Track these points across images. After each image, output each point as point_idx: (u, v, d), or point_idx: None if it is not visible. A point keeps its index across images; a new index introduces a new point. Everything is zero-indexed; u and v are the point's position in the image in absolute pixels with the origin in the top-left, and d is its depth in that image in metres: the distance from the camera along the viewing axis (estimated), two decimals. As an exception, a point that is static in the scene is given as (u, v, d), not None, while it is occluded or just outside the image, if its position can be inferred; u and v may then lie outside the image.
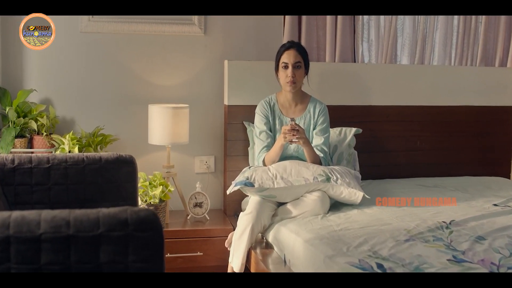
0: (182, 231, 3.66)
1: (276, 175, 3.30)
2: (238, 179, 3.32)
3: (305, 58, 3.55)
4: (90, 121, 3.88)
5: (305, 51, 3.57)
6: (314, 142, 3.58)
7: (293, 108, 3.64)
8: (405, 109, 4.35)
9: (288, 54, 3.52)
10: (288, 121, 3.55)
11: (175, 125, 3.72)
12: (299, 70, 3.52)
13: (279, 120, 3.62)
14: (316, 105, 3.64)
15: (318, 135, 3.59)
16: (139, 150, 3.98)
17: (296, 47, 3.54)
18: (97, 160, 2.92)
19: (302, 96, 3.66)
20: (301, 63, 3.52)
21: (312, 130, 3.62)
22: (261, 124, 3.60)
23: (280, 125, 3.60)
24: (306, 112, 3.63)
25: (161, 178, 3.64)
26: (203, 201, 3.88)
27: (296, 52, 3.52)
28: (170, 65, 4.02)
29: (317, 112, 3.62)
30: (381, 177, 4.22)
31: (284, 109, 3.65)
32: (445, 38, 4.52)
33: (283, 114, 3.63)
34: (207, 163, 4.15)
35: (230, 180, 3.93)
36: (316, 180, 3.27)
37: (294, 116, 3.62)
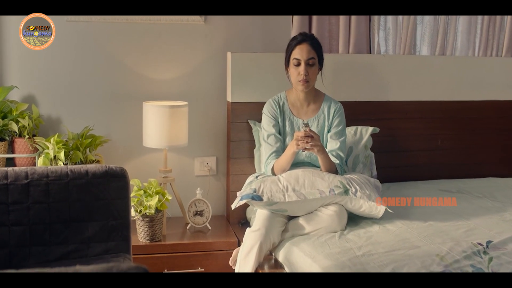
0: (180, 244, 3.29)
1: (287, 187, 2.92)
2: (245, 191, 2.95)
3: (319, 53, 3.16)
4: (78, 120, 3.50)
5: (319, 45, 3.18)
6: (328, 146, 3.20)
7: (305, 108, 3.26)
8: (424, 105, 3.98)
9: (300, 50, 3.13)
10: (300, 125, 3.17)
11: (173, 126, 3.34)
12: (313, 67, 3.14)
13: (289, 121, 3.23)
14: (330, 104, 3.26)
15: (333, 139, 3.21)
16: (132, 153, 3.61)
17: (309, 41, 3.14)
18: (83, 174, 2.55)
19: (315, 95, 3.27)
20: (315, 59, 3.14)
21: (326, 132, 3.24)
22: (269, 126, 3.22)
23: (291, 127, 3.21)
24: (320, 113, 3.24)
25: (157, 186, 3.26)
26: (204, 209, 3.51)
27: (309, 46, 3.13)
28: (167, 57, 3.62)
29: (332, 112, 3.24)
30: (399, 179, 3.87)
31: (295, 109, 3.26)
32: (469, 25, 4.12)
33: (293, 115, 3.24)
34: (208, 164, 3.77)
35: (233, 184, 3.59)
36: (333, 193, 2.90)
37: (307, 117, 3.24)
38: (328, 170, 3.06)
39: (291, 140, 3.18)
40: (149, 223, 3.22)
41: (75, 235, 2.54)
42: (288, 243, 2.88)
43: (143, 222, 3.22)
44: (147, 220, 3.22)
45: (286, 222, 3.01)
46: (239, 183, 3.56)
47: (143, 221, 3.22)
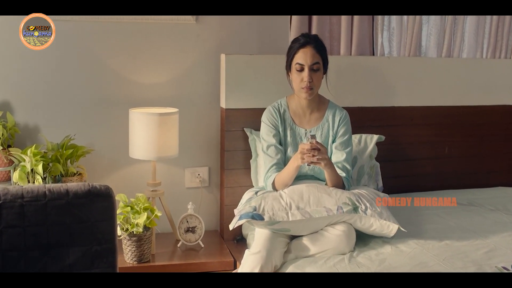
0: (170, 265, 3.00)
1: (291, 205, 2.65)
2: (243, 209, 2.67)
3: (324, 56, 2.89)
4: (58, 129, 3.19)
5: (323, 47, 2.91)
6: (334, 158, 2.93)
7: (307, 116, 2.98)
8: (431, 111, 3.73)
9: (303, 53, 2.85)
10: (303, 135, 2.91)
11: (162, 135, 3.05)
12: (317, 73, 2.86)
13: (291, 131, 2.95)
14: (335, 112, 2.98)
15: (338, 150, 2.94)
16: (118, 164, 3.32)
17: (313, 44, 2.86)
18: (62, 194, 2.26)
19: (319, 102, 3.00)
20: (319, 64, 2.86)
21: (330, 143, 2.96)
22: (269, 136, 2.94)
23: (292, 137, 2.93)
24: (324, 121, 2.97)
25: (145, 202, 2.96)
26: (196, 226, 3.22)
27: (313, 50, 2.85)
28: (155, 60, 3.32)
29: (337, 121, 2.97)
30: (405, 190, 3.60)
31: (297, 117, 2.98)
32: (477, 26, 3.87)
33: (295, 124, 2.96)
34: (200, 175, 3.48)
35: (228, 197, 3.31)
36: (341, 211, 2.63)
37: (310, 126, 2.96)
38: (335, 185, 2.78)
39: (293, 151, 2.91)
40: (136, 243, 2.93)
41: (54, 262, 2.24)
42: (291, 266, 2.60)
43: (130, 241, 2.93)
44: (135, 240, 2.93)
45: (288, 242, 2.74)
46: (234, 196, 3.29)
47: (130, 241, 2.93)
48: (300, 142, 2.90)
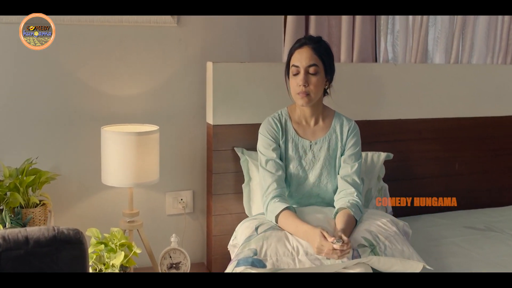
0: (153, 311, 2.55)
1: (298, 249, 2.24)
2: (242, 252, 2.24)
3: (326, 61, 2.48)
4: (17, 152, 2.72)
5: (326, 51, 2.50)
6: (342, 171, 2.55)
7: (312, 127, 2.57)
8: (440, 123, 3.35)
9: (299, 54, 2.47)
10: (307, 147, 2.55)
11: (141, 159, 2.60)
12: (315, 77, 2.45)
13: (293, 144, 2.54)
14: (343, 123, 2.58)
15: (347, 163, 2.56)
16: (88, 191, 2.87)
17: (312, 45, 2.46)
18: (21, 242, 1.80)
19: (324, 111, 2.59)
20: (318, 67, 2.45)
21: (339, 156, 2.57)
22: (268, 150, 2.52)
23: (295, 150, 2.52)
24: (331, 132, 2.57)
25: (122, 237, 2.51)
26: (181, 261, 2.78)
27: (311, 51, 2.45)
28: (130, 69, 2.87)
29: (346, 131, 2.58)
30: (414, 212, 3.21)
31: (300, 128, 2.57)
32: (488, 29, 3.50)
33: (299, 135, 2.55)
34: (183, 201, 3.03)
35: (217, 226, 2.90)
36: (357, 255, 2.21)
37: (314, 137, 2.56)
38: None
39: (296, 166, 2.52)
40: (112, 287, 2.47)
41: (10, 327, 1.78)
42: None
43: (105, 285, 2.47)
44: None
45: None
46: (223, 224, 2.88)
47: (105, 284, 2.47)
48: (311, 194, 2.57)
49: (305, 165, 2.54)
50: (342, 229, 2.27)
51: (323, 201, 2.56)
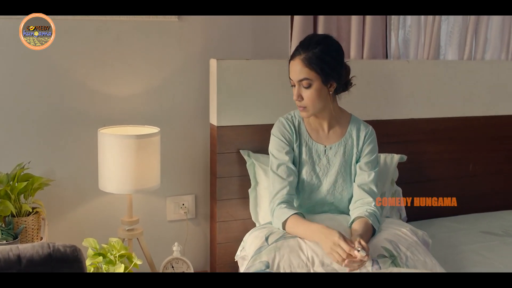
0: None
1: (313, 260, 2.07)
2: (252, 266, 2.08)
3: (323, 67, 2.24)
4: (7, 156, 2.55)
5: (320, 59, 2.24)
6: (358, 179, 2.38)
7: (326, 131, 2.39)
8: (454, 123, 3.19)
9: (292, 67, 2.30)
10: (321, 152, 2.38)
11: (141, 164, 2.43)
12: (309, 90, 2.26)
13: (306, 148, 2.37)
14: (360, 128, 2.42)
15: (364, 170, 2.39)
16: (84, 197, 2.70)
17: (302, 54, 2.25)
18: (12, 262, 1.64)
19: (339, 115, 2.42)
20: (310, 80, 2.24)
21: (354, 162, 2.40)
22: (281, 153, 2.36)
23: (309, 154, 2.36)
24: (347, 137, 2.40)
25: (121, 248, 2.34)
26: (183, 272, 2.61)
27: (301, 63, 2.25)
28: (129, 67, 2.69)
29: (362, 137, 2.41)
30: (427, 216, 3.07)
31: (314, 132, 2.40)
32: (503, 23, 3.34)
33: (312, 139, 2.37)
34: (184, 206, 2.87)
35: (221, 234, 2.75)
36: (377, 266, 2.05)
37: (329, 142, 2.39)
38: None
39: (309, 171, 2.35)
40: (111, 301, 2.30)
41: None
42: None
43: (103, 300, 2.30)
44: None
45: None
46: (228, 231, 2.72)
47: (103, 299, 2.30)
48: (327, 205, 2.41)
49: (318, 171, 2.37)
50: (360, 235, 2.10)
51: (337, 210, 2.40)
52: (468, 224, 3.02)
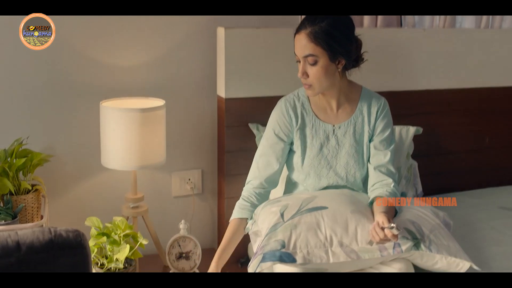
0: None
1: (332, 239, 1.95)
2: (268, 245, 1.95)
3: (330, 42, 2.07)
4: (5, 131, 2.42)
5: (327, 33, 2.06)
6: (374, 161, 2.23)
7: (334, 111, 2.25)
8: (470, 94, 3.07)
9: (296, 42, 2.12)
10: (330, 132, 2.23)
11: (145, 139, 2.31)
12: (315, 67, 2.09)
13: (312, 129, 2.23)
14: (371, 103, 2.26)
15: (379, 150, 2.24)
16: (86, 173, 2.57)
17: (308, 28, 2.07)
18: (11, 249, 1.52)
19: (349, 90, 2.26)
20: (316, 56, 2.08)
21: (367, 141, 2.25)
22: (268, 143, 2.25)
23: (315, 136, 2.22)
24: (357, 114, 2.24)
25: (126, 227, 2.22)
26: (190, 250, 2.51)
27: (306, 38, 2.07)
28: (132, 36, 2.55)
29: (375, 113, 2.25)
30: (441, 191, 2.95)
31: (321, 111, 2.25)
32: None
33: (319, 120, 2.23)
34: (191, 181, 2.75)
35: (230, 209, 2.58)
36: (399, 249, 1.93)
37: (338, 121, 2.24)
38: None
39: (316, 155, 2.21)
40: (116, 283, 2.20)
41: None
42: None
43: (108, 282, 2.20)
44: None
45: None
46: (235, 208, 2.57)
47: (108, 281, 2.20)
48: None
49: (327, 154, 2.21)
50: (385, 212, 1.98)
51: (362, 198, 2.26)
52: (485, 199, 2.91)
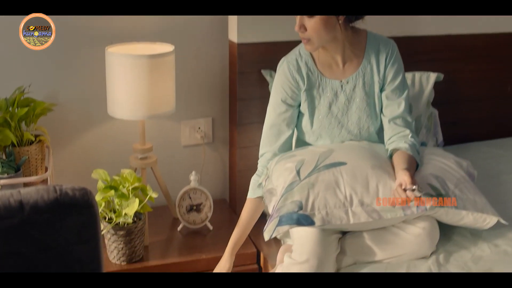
0: (173, 264, 2.21)
1: (352, 198, 1.84)
2: (284, 207, 1.85)
3: None
4: (6, 79, 2.29)
5: None
6: (388, 112, 2.10)
7: (340, 66, 2.09)
8: (494, 39, 2.90)
9: None
10: (338, 88, 2.09)
11: (154, 86, 2.18)
12: (312, 19, 1.94)
13: (319, 89, 2.08)
14: (379, 49, 2.10)
15: (392, 99, 2.10)
16: (91, 122, 2.46)
17: None
18: (14, 209, 1.42)
19: (354, 43, 2.08)
20: None
21: (378, 92, 2.11)
22: (275, 113, 2.12)
23: (323, 96, 2.08)
24: (365, 65, 2.09)
25: (135, 180, 2.12)
26: (202, 203, 2.41)
27: None
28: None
29: (383, 60, 2.10)
30: (461, 140, 2.87)
31: (326, 68, 2.10)
32: None
33: (325, 77, 2.08)
34: (201, 129, 2.63)
35: (242, 160, 2.53)
36: (423, 207, 1.83)
37: (344, 76, 2.09)
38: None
39: (325, 115, 2.09)
40: (125, 238, 2.12)
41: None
42: (352, 279, 1.83)
43: (117, 236, 2.12)
44: (123, 234, 2.11)
45: (340, 238, 1.95)
46: (249, 158, 2.49)
47: (116, 235, 2.12)
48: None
49: (337, 112, 2.08)
50: (407, 168, 1.87)
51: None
52: (507, 149, 2.82)
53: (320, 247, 1.83)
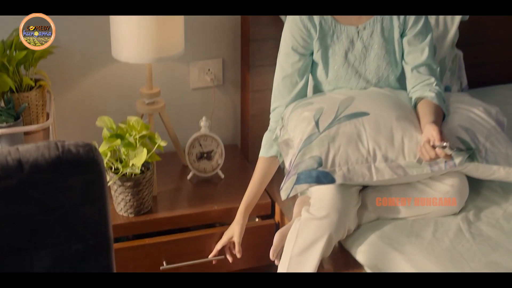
0: (184, 216, 2.12)
1: (375, 153, 1.71)
2: (302, 163, 1.72)
3: None
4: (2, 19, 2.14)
5: None
6: (411, 59, 1.94)
7: None
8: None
9: None
10: (354, 34, 1.92)
11: (162, 27, 2.03)
12: None
13: (334, 36, 1.91)
14: None
15: (414, 45, 1.93)
16: (95, 65, 2.31)
17: None
18: (12, 169, 1.30)
19: None
20: None
21: (398, 38, 1.94)
22: (287, 63, 1.95)
23: (338, 44, 1.91)
24: None
25: (142, 128, 2.00)
26: (212, 150, 2.29)
27: None
28: None
29: None
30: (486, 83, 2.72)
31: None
32: None
33: (340, 23, 1.91)
34: (210, 71, 2.49)
35: (255, 104, 2.41)
36: (451, 163, 1.69)
37: (361, 22, 1.92)
38: None
39: (341, 65, 1.92)
40: (132, 189, 2.01)
41: (8, 276, 1.33)
42: (375, 237, 1.73)
43: (123, 188, 2.01)
44: (130, 186, 2.00)
45: (360, 189, 1.84)
46: (262, 102, 2.35)
47: (123, 187, 2.01)
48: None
49: (354, 61, 1.92)
50: (434, 122, 1.73)
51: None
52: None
53: (341, 201, 1.72)
